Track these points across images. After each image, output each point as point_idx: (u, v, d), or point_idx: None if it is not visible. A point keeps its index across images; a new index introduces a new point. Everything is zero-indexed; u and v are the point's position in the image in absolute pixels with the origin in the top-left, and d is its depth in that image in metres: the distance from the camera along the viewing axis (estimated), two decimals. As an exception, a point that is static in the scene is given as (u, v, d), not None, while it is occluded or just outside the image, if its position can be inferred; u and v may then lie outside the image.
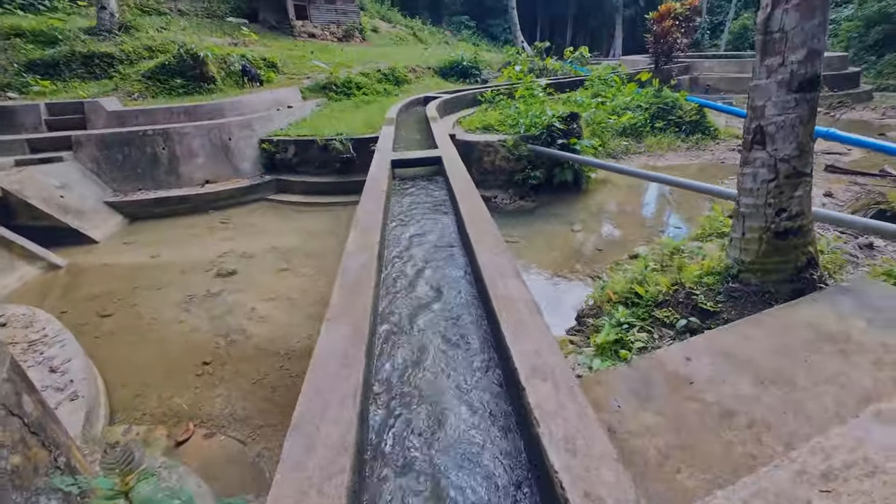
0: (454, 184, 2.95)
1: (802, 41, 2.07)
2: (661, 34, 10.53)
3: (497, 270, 1.80)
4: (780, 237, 2.46)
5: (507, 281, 1.71)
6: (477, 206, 2.59)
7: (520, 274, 1.80)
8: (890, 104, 12.56)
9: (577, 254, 5.08)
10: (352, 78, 10.83)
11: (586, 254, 5.04)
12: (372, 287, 1.77)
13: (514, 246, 5.31)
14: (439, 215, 2.91)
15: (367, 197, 2.79)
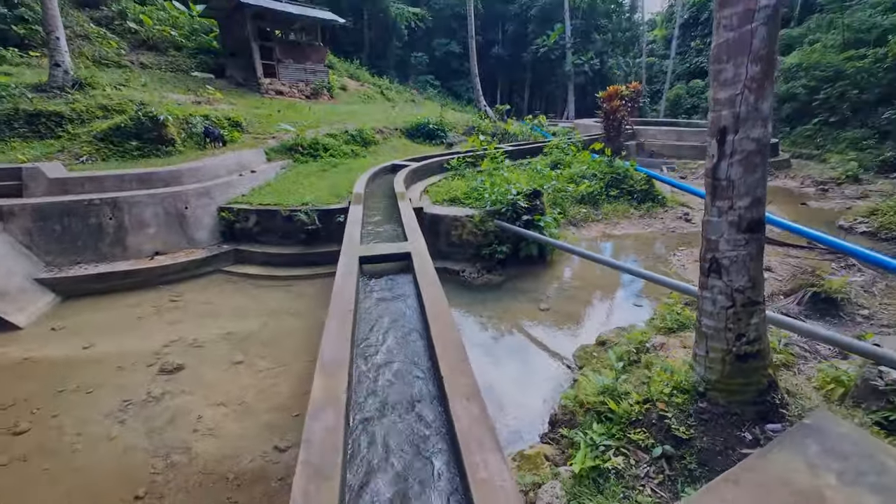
0: (426, 299, 2.88)
1: (747, 191, 2.26)
2: (611, 111, 11.60)
3: (474, 440, 1.70)
4: (742, 360, 2.54)
5: (485, 457, 1.61)
6: (449, 335, 2.52)
7: (498, 444, 1.70)
8: (806, 173, 14.21)
9: (546, 335, 5.09)
10: (319, 139, 10.91)
11: (554, 337, 5.05)
12: (339, 467, 1.60)
13: (485, 329, 5.26)
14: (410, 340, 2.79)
15: (333, 318, 2.65)
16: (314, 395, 2.01)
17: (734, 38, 2.06)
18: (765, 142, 2.19)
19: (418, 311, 3.04)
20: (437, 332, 2.55)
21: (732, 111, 2.17)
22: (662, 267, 6.87)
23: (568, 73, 30.21)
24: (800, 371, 3.51)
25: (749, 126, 2.16)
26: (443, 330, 2.56)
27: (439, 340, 2.46)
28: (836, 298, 4.92)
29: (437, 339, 2.49)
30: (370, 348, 2.70)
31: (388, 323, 2.97)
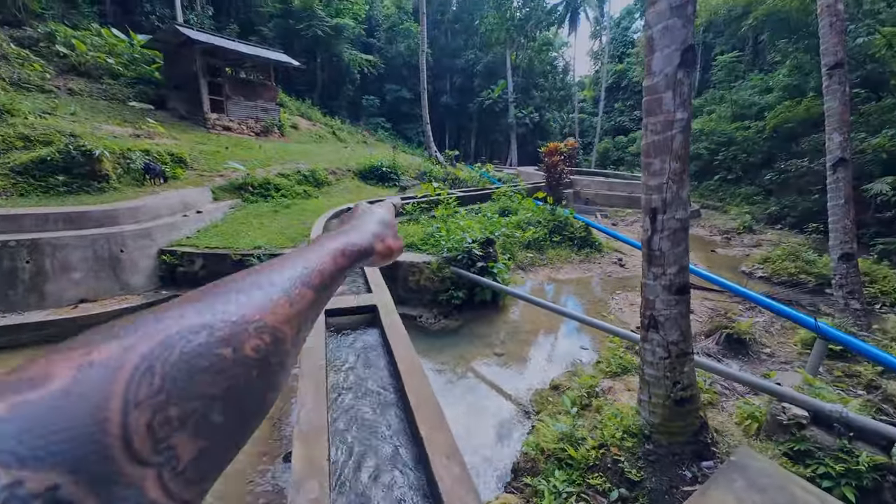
0: (397, 354, 2.97)
1: (675, 260, 2.71)
2: (552, 165, 12.79)
3: (457, 501, 1.80)
4: (679, 404, 2.91)
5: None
6: (424, 391, 2.62)
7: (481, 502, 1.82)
8: (713, 222, 16.41)
9: (502, 380, 5.29)
10: (270, 179, 10.73)
11: (510, 381, 5.26)
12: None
13: (444, 375, 5.35)
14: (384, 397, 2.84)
15: (305, 377, 2.64)
16: (295, 464, 2.00)
17: (659, 140, 2.56)
18: (686, 221, 2.67)
19: (389, 366, 3.11)
20: (412, 387, 2.64)
21: (661, 196, 2.64)
22: (602, 310, 7.49)
23: (511, 124, 32.74)
24: (723, 408, 4.01)
25: (674, 208, 2.63)
26: (417, 386, 2.66)
27: (414, 396, 2.56)
28: (745, 339, 5.70)
29: (412, 394, 2.58)
30: (344, 406, 2.70)
31: (359, 378, 2.99)
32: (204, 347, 0.23)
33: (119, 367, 0.20)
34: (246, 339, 0.25)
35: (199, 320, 0.24)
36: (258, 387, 0.26)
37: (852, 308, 5.72)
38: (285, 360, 0.29)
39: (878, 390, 4.55)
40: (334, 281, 0.38)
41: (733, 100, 22.15)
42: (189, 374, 0.22)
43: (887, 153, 11.36)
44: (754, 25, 16.81)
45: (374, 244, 0.47)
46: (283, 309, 0.29)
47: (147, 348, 0.21)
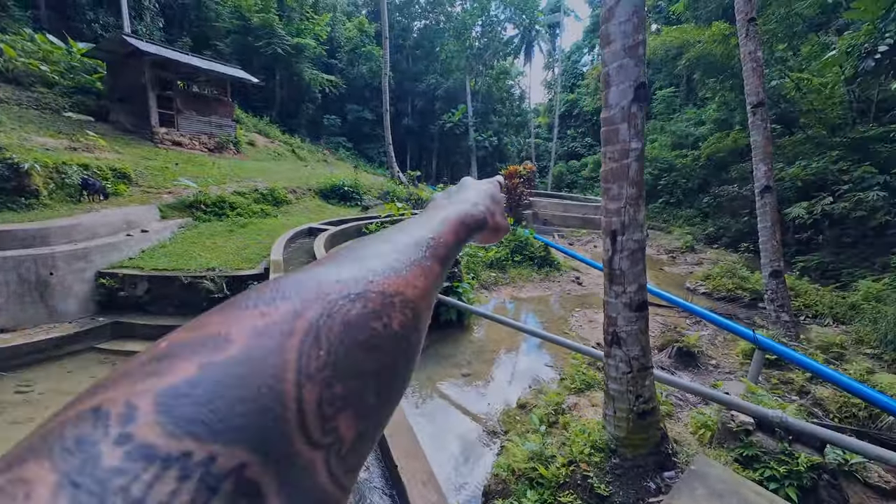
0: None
1: (634, 279, 2.88)
2: (512, 187, 13.27)
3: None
4: (641, 417, 3.04)
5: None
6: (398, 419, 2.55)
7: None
8: (659, 242, 17.60)
9: (470, 400, 5.26)
10: (225, 197, 10.26)
11: (478, 401, 5.25)
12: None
13: (411, 399, 5.24)
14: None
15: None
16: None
17: (617, 167, 2.76)
18: (643, 242, 2.87)
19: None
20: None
21: (619, 219, 2.82)
22: (564, 327, 7.73)
23: (471, 147, 33.72)
24: (679, 419, 4.23)
25: (631, 230, 2.82)
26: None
27: (389, 426, 2.48)
28: (694, 352, 6.09)
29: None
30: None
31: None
32: (361, 319, 0.22)
33: (290, 334, 0.19)
34: (393, 314, 0.24)
35: (354, 287, 0.23)
36: (402, 366, 0.25)
37: (783, 320, 6.30)
38: (421, 338, 0.27)
39: (808, 395, 5.01)
40: (453, 255, 0.35)
41: (672, 130, 24.25)
42: (349, 348, 0.21)
43: (801, 181, 12.84)
44: (687, 65, 18.66)
45: (485, 217, 0.45)
46: (420, 282, 0.28)
47: (314, 314, 0.21)
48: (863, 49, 7.74)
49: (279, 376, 0.18)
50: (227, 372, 0.17)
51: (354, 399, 0.20)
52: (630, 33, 2.57)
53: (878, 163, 11.41)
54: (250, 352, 0.18)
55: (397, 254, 0.29)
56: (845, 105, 13.94)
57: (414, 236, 0.32)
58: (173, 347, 0.18)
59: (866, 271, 9.70)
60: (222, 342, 0.18)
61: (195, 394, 0.16)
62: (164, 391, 0.16)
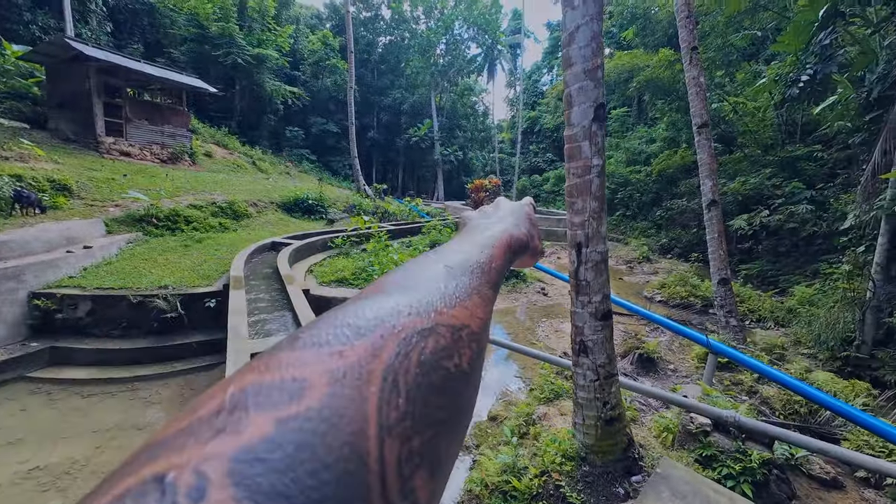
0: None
1: (599, 289, 2.99)
2: (478, 200, 13.51)
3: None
4: (609, 424, 3.13)
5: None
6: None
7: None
8: (618, 253, 18.41)
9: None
10: (180, 210, 9.72)
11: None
12: None
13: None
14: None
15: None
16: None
17: (580, 182, 2.88)
18: (605, 254, 2.99)
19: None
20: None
21: (584, 231, 2.94)
22: (531, 337, 7.86)
23: (437, 161, 34.09)
24: (643, 424, 4.39)
25: (595, 243, 2.94)
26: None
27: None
28: (654, 357, 6.37)
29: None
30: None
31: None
32: (434, 358, 0.20)
33: (368, 379, 0.17)
34: (463, 349, 0.22)
35: (425, 321, 0.21)
36: (470, 409, 0.22)
37: (731, 325, 6.74)
38: (481, 376, 0.25)
39: (757, 395, 5.36)
40: (502, 280, 0.33)
41: (626, 147, 25.70)
42: (425, 394, 0.18)
43: (741, 195, 13.96)
44: (638, 88, 19.98)
45: (528, 240, 0.42)
46: (482, 312, 0.25)
47: (390, 354, 0.18)
48: (788, 78, 8.63)
49: (361, 432, 0.15)
50: (306, 428, 0.15)
51: (430, 453, 0.18)
52: (589, 57, 2.72)
53: (805, 179, 12.63)
54: (330, 402, 0.16)
55: (456, 280, 0.26)
56: (776, 127, 15.41)
57: (468, 259, 0.30)
58: (245, 395, 0.15)
59: (800, 277, 10.61)
60: (298, 389, 0.16)
61: (273, 459, 0.13)
62: (238, 456, 0.13)
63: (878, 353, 6.05)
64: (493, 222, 0.42)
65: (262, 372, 0.17)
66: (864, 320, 6.23)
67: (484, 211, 0.48)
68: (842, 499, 4.03)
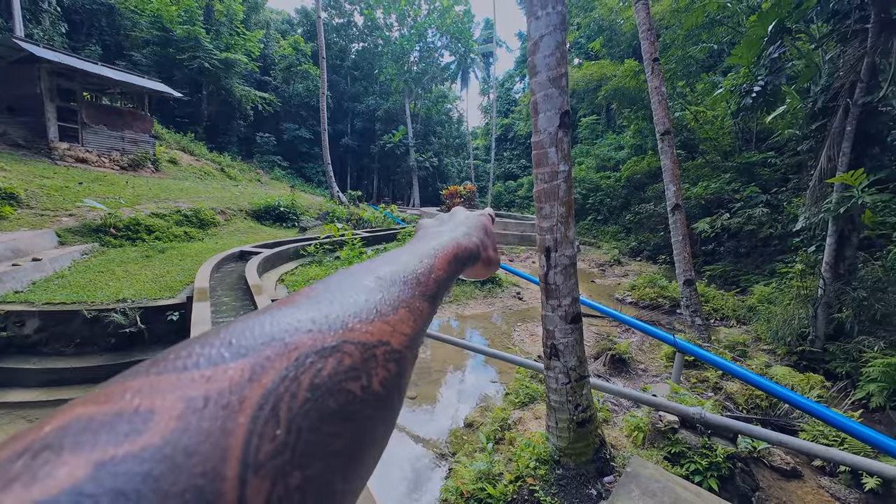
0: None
1: (568, 292, 3.04)
2: (453, 206, 13.55)
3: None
4: (581, 426, 3.16)
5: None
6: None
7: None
8: (590, 257, 18.86)
9: (418, 424, 5.14)
10: (141, 219, 9.27)
11: (427, 424, 5.14)
12: None
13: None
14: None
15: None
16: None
17: (547, 187, 2.93)
18: (574, 258, 3.05)
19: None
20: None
21: (552, 236, 2.98)
22: (507, 342, 7.91)
23: (412, 167, 34.07)
24: (615, 424, 4.47)
25: (563, 247, 2.99)
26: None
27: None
28: (625, 358, 6.52)
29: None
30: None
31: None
32: (333, 380, 0.18)
33: (239, 408, 0.14)
34: (375, 370, 0.20)
35: (328, 338, 0.18)
36: (381, 436, 0.20)
37: (697, 324, 7.00)
38: (403, 395, 0.23)
39: (721, 391, 5.57)
40: (445, 291, 0.31)
41: (596, 154, 26.50)
42: (315, 422, 0.16)
43: (704, 200, 14.62)
44: (605, 96, 20.70)
45: (480, 249, 0.41)
46: (408, 326, 0.23)
47: (274, 377, 0.16)
48: (742, 89, 9.14)
49: (215, 472, 0.13)
50: (135, 472, 0.12)
51: (318, 489, 0.16)
52: (554, 66, 2.79)
53: (760, 184, 13.37)
54: (177, 438, 0.13)
55: (382, 291, 0.24)
56: (733, 135, 16.28)
57: (402, 269, 0.28)
58: (65, 432, 0.12)
59: (759, 277, 11.17)
60: (139, 423, 0.13)
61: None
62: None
63: (830, 347, 6.42)
64: (443, 231, 0.41)
65: (100, 402, 0.14)
66: (817, 316, 6.60)
67: (440, 218, 0.48)
68: (800, 487, 4.23)
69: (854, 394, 5.67)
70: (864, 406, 5.59)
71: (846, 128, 6.13)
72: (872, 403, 5.47)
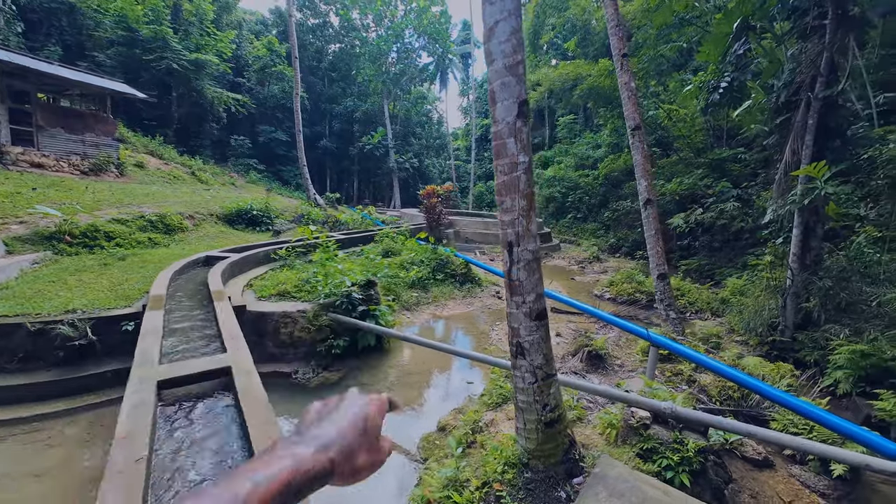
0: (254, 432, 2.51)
1: (532, 288, 2.93)
2: (430, 206, 13.41)
3: None
4: (549, 426, 3.05)
5: None
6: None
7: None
8: (570, 254, 19.02)
9: (390, 430, 4.96)
10: (99, 225, 8.81)
11: (399, 430, 4.96)
12: None
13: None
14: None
15: (111, 480, 2.00)
16: None
17: (508, 180, 2.82)
18: (537, 252, 2.94)
19: (244, 450, 2.59)
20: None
21: (514, 230, 2.87)
22: (485, 342, 7.80)
23: (392, 169, 33.80)
24: (588, 422, 4.39)
25: (526, 241, 2.88)
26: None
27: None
28: (602, 354, 6.49)
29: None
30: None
31: (200, 470, 2.41)
32: None
33: None
34: None
35: None
36: None
37: (671, 318, 7.03)
38: None
39: (695, 383, 5.58)
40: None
41: (574, 153, 26.77)
42: None
43: (678, 195, 14.87)
44: (581, 95, 20.92)
45: (333, 465, 0.37)
46: None
47: None
48: (710, 85, 9.32)
49: None
50: None
51: None
52: (510, 53, 2.68)
53: (732, 179, 13.67)
54: None
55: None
56: (705, 131, 16.63)
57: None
58: None
59: (732, 270, 11.39)
60: None
61: None
62: None
63: (799, 337, 6.53)
64: (292, 441, 0.38)
65: None
66: (786, 306, 6.71)
67: (321, 410, 0.44)
68: (772, 477, 4.23)
69: (822, 381, 5.76)
70: (832, 393, 5.69)
71: (808, 121, 6.26)
72: (840, 390, 5.56)
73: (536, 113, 34.54)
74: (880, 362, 5.35)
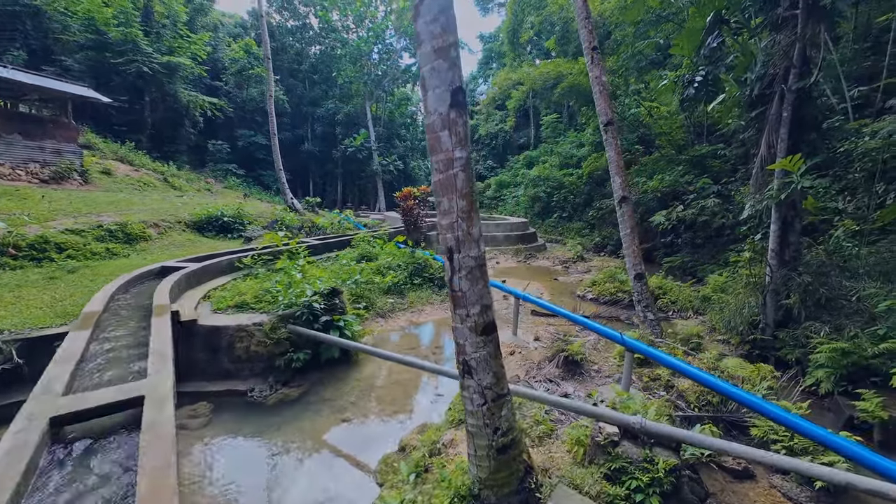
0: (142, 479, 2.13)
1: (476, 299, 2.61)
2: (408, 209, 13.07)
3: None
4: (502, 452, 2.74)
5: None
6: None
7: None
8: (555, 254, 18.82)
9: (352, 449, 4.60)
10: (50, 236, 8.28)
11: (361, 450, 4.61)
12: None
13: (283, 459, 4.38)
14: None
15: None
16: None
17: (443, 178, 2.50)
18: (481, 259, 2.62)
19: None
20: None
21: (454, 235, 2.55)
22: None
23: (376, 171, 33.36)
24: (557, 437, 4.09)
25: (467, 247, 2.56)
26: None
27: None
28: (578, 359, 6.21)
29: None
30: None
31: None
32: None
33: None
34: None
35: None
36: None
37: (649, 319, 6.79)
38: None
39: (673, 389, 5.32)
40: None
41: (559, 152, 26.67)
42: None
43: (660, 192, 14.76)
44: (562, 94, 20.79)
45: None
46: None
47: None
48: (685, 79, 9.15)
49: None
50: None
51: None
52: (439, 34, 2.36)
53: (712, 175, 13.59)
54: None
55: None
56: (685, 128, 16.58)
57: None
58: None
59: (714, 267, 11.25)
60: None
61: None
62: None
63: (780, 334, 6.33)
64: None
65: None
66: (766, 304, 6.51)
67: None
68: (753, 489, 3.97)
69: (804, 381, 5.56)
70: (813, 393, 5.49)
71: (783, 114, 6.08)
72: (822, 389, 5.37)
73: (521, 113, 34.46)
74: (861, 360, 5.16)
